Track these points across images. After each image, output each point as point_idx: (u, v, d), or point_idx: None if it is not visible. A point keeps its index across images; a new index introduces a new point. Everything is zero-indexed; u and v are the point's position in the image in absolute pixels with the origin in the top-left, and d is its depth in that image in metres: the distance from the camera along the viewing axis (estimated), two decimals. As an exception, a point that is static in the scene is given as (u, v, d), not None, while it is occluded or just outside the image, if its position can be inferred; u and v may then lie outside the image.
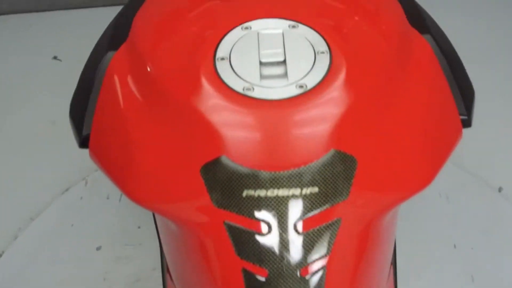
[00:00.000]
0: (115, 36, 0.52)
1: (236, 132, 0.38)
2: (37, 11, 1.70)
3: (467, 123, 0.47)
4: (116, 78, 0.46)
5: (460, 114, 0.47)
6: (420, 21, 0.52)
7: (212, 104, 0.38)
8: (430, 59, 0.47)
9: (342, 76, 0.38)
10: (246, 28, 0.43)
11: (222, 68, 0.40)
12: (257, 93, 0.38)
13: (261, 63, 0.40)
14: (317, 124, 0.37)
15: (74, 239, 1.02)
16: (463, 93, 0.47)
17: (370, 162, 0.38)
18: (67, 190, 1.13)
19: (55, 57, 1.54)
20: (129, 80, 0.45)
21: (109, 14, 0.66)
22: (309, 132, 0.37)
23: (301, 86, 0.39)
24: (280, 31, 0.43)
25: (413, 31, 0.49)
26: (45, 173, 1.18)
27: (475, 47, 1.42)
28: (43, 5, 1.69)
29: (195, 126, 0.39)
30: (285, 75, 0.40)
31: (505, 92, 1.34)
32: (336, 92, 0.38)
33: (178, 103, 0.40)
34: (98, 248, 1.00)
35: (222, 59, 0.41)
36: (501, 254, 0.98)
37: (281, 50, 0.41)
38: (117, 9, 0.65)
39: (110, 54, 0.48)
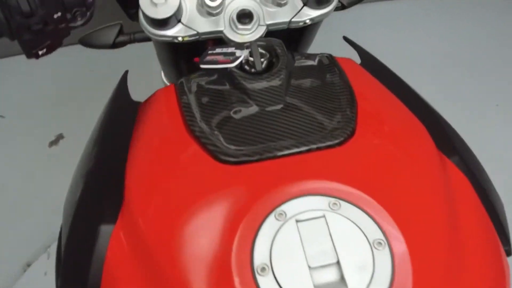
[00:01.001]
0: (102, 201, 0.43)
1: None
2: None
3: (508, 253, 0.42)
4: (120, 274, 0.38)
5: (503, 245, 0.42)
6: (446, 142, 0.47)
7: None
8: (470, 194, 0.43)
9: (411, 282, 0.34)
10: (280, 214, 0.36)
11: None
12: None
13: (310, 268, 0.34)
14: None
15: (42, 322, 0.98)
16: (496, 215, 0.43)
17: None
18: (29, 266, 1.07)
19: (-3, 114, 1.45)
20: (139, 277, 0.37)
21: (52, 59, 0.52)
22: None
23: None
24: (321, 214, 0.37)
25: (443, 159, 0.44)
26: (2, 248, 1.11)
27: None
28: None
29: None
30: (342, 282, 0.34)
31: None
32: None
33: None
34: (70, 329, 0.96)
35: (263, 269, 0.34)
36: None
37: (330, 246, 0.35)
38: (62, 53, 0.50)
39: (105, 230, 0.40)
